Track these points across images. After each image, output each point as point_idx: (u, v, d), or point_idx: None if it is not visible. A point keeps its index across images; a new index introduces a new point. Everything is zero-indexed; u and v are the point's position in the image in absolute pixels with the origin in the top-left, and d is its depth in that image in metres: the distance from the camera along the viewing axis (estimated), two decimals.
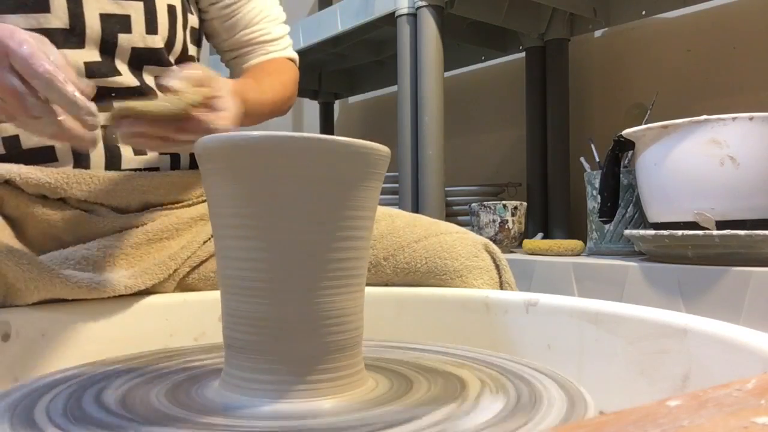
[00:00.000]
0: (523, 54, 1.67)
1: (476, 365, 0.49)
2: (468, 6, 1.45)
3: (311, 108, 2.43)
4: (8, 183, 0.67)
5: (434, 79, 1.38)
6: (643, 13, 1.45)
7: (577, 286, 1.12)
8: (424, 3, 1.38)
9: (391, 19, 1.47)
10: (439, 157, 1.39)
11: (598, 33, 1.65)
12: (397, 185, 1.48)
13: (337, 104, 2.40)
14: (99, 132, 0.54)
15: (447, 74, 1.47)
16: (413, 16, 1.42)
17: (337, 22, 1.63)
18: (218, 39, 0.87)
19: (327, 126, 2.32)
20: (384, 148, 0.42)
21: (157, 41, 0.74)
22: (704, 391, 0.24)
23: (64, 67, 0.52)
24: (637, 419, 0.21)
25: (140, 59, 0.73)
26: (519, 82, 1.69)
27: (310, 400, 0.40)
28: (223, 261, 0.42)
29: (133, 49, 0.72)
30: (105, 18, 0.70)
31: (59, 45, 0.68)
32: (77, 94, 0.51)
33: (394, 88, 1.66)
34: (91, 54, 0.70)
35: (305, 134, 0.39)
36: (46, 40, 0.54)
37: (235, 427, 0.36)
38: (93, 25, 0.70)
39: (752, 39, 1.38)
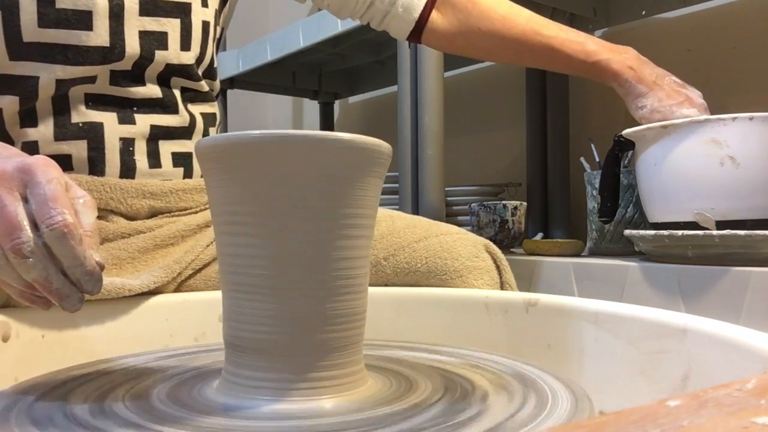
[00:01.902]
0: None
1: (477, 365, 0.49)
2: None
3: (311, 108, 2.43)
4: None
5: (434, 79, 1.38)
6: (643, 13, 1.45)
7: (577, 286, 1.12)
8: None
9: None
10: (439, 157, 1.39)
11: (598, 33, 1.65)
12: (397, 185, 1.48)
13: (337, 104, 2.40)
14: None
15: (447, 74, 1.47)
16: None
17: (337, 22, 1.63)
18: (359, 13, 0.88)
19: (327, 126, 2.32)
20: (385, 144, 0.42)
21: (190, 57, 0.75)
22: (704, 391, 0.24)
23: (93, 233, 0.44)
24: (637, 419, 0.21)
25: (170, 73, 0.74)
26: (519, 82, 1.69)
27: (311, 400, 0.40)
28: (224, 260, 0.42)
29: (167, 65, 0.73)
30: (144, 35, 0.71)
31: (97, 62, 0.68)
32: (88, 255, 0.43)
33: (394, 88, 1.66)
34: (122, 65, 0.70)
35: (305, 131, 0.39)
36: (89, 200, 0.46)
37: (235, 427, 0.36)
38: (133, 44, 0.70)
39: (752, 39, 1.38)
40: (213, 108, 0.81)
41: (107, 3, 0.68)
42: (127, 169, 0.71)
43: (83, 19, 0.68)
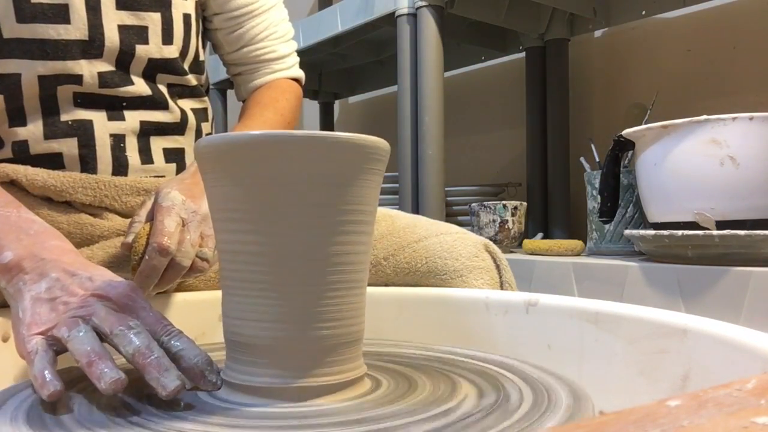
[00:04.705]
0: (523, 54, 1.67)
1: (477, 365, 0.49)
2: (468, 6, 1.45)
3: (311, 108, 2.43)
4: (14, 183, 0.67)
5: (434, 79, 1.38)
6: (643, 13, 1.45)
7: (577, 286, 1.12)
8: (424, 3, 1.38)
9: (391, 19, 1.47)
10: (439, 157, 1.39)
11: (598, 33, 1.65)
12: (397, 185, 1.48)
13: (337, 104, 2.40)
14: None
15: (447, 74, 1.47)
16: (413, 16, 1.42)
17: (337, 22, 1.63)
18: (222, 51, 0.87)
19: (327, 126, 2.32)
20: (383, 143, 0.42)
21: (173, 51, 0.74)
22: (704, 391, 0.24)
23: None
24: (637, 419, 0.21)
25: (155, 69, 0.74)
26: (519, 82, 1.69)
27: (311, 398, 0.40)
28: (224, 258, 0.42)
29: (150, 59, 0.73)
30: (123, 29, 0.70)
31: (78, 56, 0.69)
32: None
33: (394, 88, 1.66)
34: (105, 64, 0.70)
35: (303, 131, 0.39)
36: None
37: (235, 426, 0.36)
38: (112, 37, 0.70)
39: (752, 39, 1.38)
40: (203, 103, 0.81)
41: None
42: (119, 165, 0.71)
43: (60, 13, 0.67)
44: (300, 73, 0.90)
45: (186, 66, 0.77)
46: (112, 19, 0.70)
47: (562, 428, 0.21)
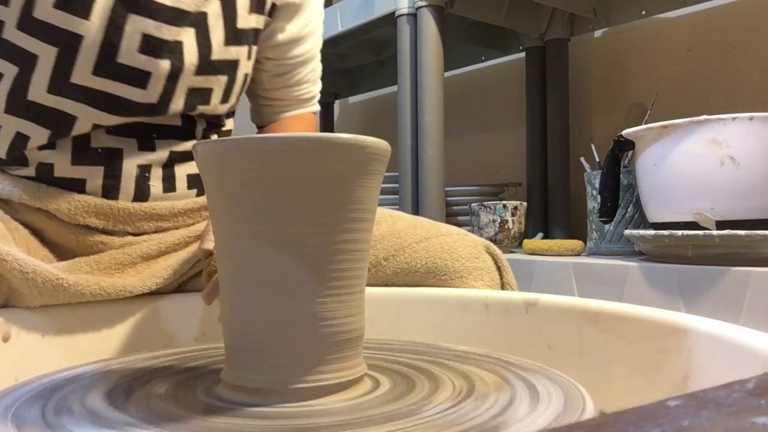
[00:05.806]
0: (523, 54, 1.67)
1: (477, 365, 0.49)
2: (468, 6, 1.45)
3: None
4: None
5: (434, 79, 1.38)
6: (643, 13, 1.45)
7: (577, 286, 1.12)
8: (424, 3, 1.38)
9: (391, 19, 1.47)
10: (439, 157, 1.39)
11: (598, 33, 1.65)
12: (397, 185, 1.48)
13: (337, 104, 2.40)
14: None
15: (447, 74, 1.47)
16: (413, 16, 1.42)
17: (337, 22, 1.63)
18: (260, 87, 0.85)
19: (327, 126, 2.32)
20: (383, 144, 0.42)
21: (225, 109, 0.75)
22: (704, 391, 0.24)
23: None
24: (637, 419, 0.21)
25: (197, 111, 0.73)
26: (519, 82, 1.69)
27: (311, 400, 0.40)
28: (224, 261, 0.43)
29: (202, 114, 0.73)
30: (191, 92, 0.70)
31: (141, 115, 0.67)
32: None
33: (394, 88, 1.66)
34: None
35: (303, 134, 0.39)
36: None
37: (235, 427, 0.36)
38: (178, 101, 0.69)
39: (752, 39, 1.38)
40: (229, 125, 0.81)
41: (169, 66, 0.67)
42: (141, 194, 0.70)
43: (140, 78, 0.66)
44: (318, 107, 0.91)
45: (224, 115, 0.77)
46: (185, 84, 0.69)
47: (562, 428, 0.21)
